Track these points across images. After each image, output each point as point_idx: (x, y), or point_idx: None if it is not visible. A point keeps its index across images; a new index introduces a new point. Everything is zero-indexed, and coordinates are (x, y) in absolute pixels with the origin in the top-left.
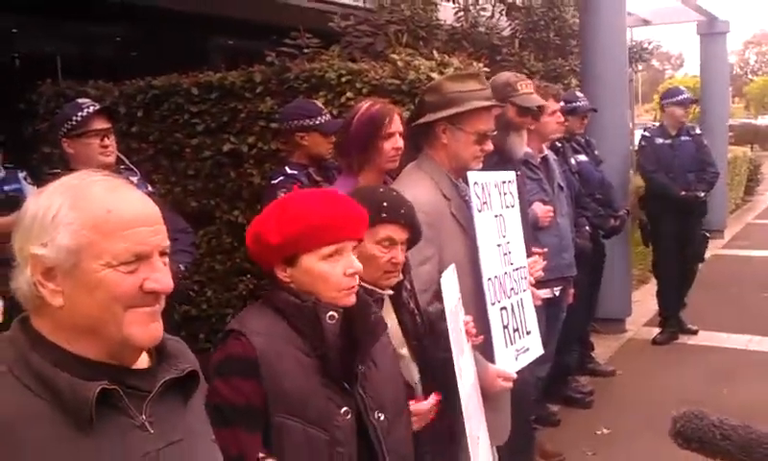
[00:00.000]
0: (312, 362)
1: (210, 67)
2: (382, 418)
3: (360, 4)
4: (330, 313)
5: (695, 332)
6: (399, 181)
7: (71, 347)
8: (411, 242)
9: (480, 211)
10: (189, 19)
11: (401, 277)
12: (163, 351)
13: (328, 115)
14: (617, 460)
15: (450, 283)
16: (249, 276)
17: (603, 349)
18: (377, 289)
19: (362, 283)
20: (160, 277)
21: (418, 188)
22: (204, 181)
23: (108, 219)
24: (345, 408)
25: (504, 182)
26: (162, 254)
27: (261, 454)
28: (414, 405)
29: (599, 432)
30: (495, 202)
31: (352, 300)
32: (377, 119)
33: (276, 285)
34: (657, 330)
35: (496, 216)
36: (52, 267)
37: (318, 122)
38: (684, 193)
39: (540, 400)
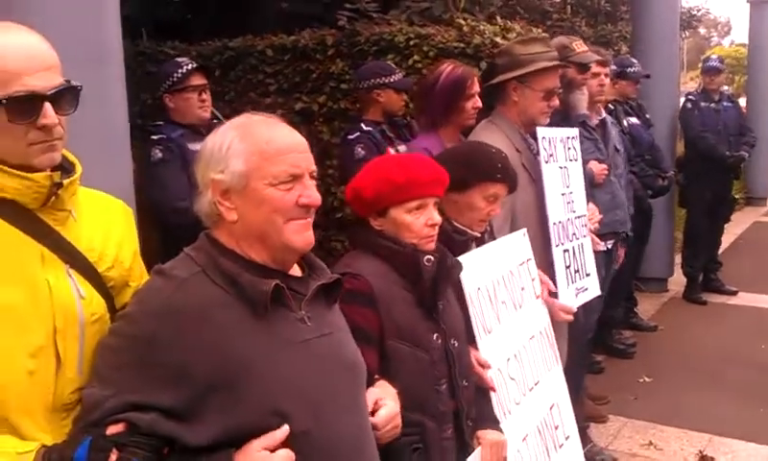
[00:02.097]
0: (410, 296)
1: (269, 30)
2: (456, 344)
3: None
4: (427, 257)
5: (735, 293)
6: (475, 136)
7: (244, 253)
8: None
9: (547, 163)
10: None
11: None
12: (312, 264)
13: (401, 74)
14: (658, 405)
15: (518, 245)
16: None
17: (646, 306)
18: (470, 231)
19: (457, 224)
20: (311, 193)
21: (493, 141)
22: None
23: (269, 147)
24: (436, 334)
25: (569, 138)
26: (311, 176)
27: (377, 376)
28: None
29: (641, 380)
30: (560, 155)
31: (432, 246)
32: (462, 81)
33: (371, 232)
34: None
35: (561, 168)
36: (227, 189)
37: (392, 80)
38: (728, 153)
39: (588, 351)
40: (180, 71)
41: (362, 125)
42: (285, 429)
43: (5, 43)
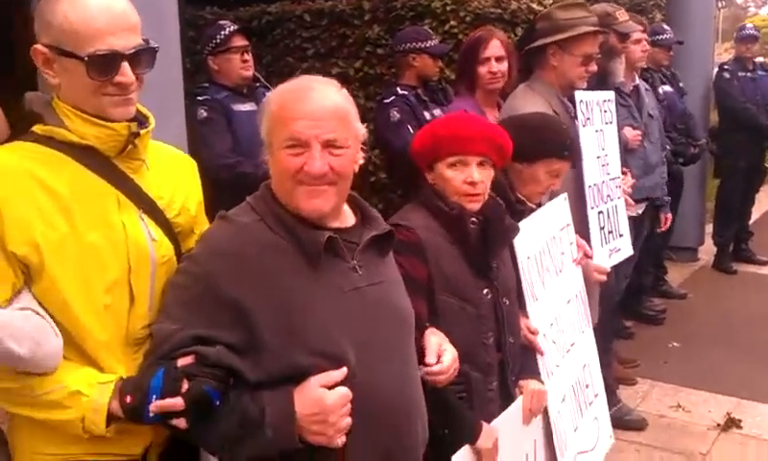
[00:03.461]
0: (459, 253)
1: None
2: (507, 303)
3: None
4: (472, 219)
5: (765, 263)
6: (514, 99)
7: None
8: None
9: (584, 126)
10: None
11: None
12: (367, 214)
13: (437, 40)
14: (687, 369)
15: (559, 210)
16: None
17: (676, 274)
18: (528, 202)
19: (519, 194)
20: (312, 162)
21: (532, 105)
22: None
23: (282, 112)
24: (486, 290)
25: (605, 101)
26: (327, 144)
27: (427, 324)
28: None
29: (670, 345)
30: (597, 118)
31: (474, 206)
32: (471, 47)
33: (426, 186)
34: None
35: (597, 131)
36: (269, 145)
37: (428, 45)
38: None
39: (616, 313)
40: (222, 33)
41: (397, 89)
42: (343, 370)
43: (95, 4)
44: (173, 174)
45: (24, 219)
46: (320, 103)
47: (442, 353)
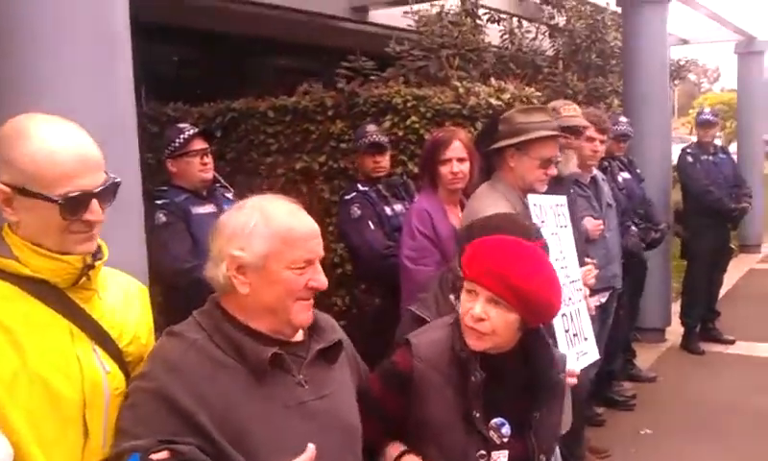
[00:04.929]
0: (455, 397)
1: (268, 85)
2: (544, 459)
3: (411, 26)
4: (476, 372)
5: (732, 342)
6: (476, 199)
7: (249, 323)
8: None
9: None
10: (243, 41)
11: None
12: (315, 327)
13: (374, 137)
14: (659, 458)
15: None
16: None
17: (644, 357)
18: None
19: None
20: (320, 277)
21: (495, 206)
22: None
23: (290, 235)
24: (481, 451)
25: (558, 205)
26: (318, 260)
27: (404, 449)
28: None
29: (642, 432)
30: (551, 222)
31: (475, 343)
32: (433, 147)
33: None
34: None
35: (552, 234)
36: (243, 265)
37: (358, 144)
38: (733, 207)
39: (587, 401)
40: (181, 137)
41: (358, 185)
42: (312, 448)
43: (61, 146)
44: (124, 301)
45: None
46: (312, 221)
47: None
